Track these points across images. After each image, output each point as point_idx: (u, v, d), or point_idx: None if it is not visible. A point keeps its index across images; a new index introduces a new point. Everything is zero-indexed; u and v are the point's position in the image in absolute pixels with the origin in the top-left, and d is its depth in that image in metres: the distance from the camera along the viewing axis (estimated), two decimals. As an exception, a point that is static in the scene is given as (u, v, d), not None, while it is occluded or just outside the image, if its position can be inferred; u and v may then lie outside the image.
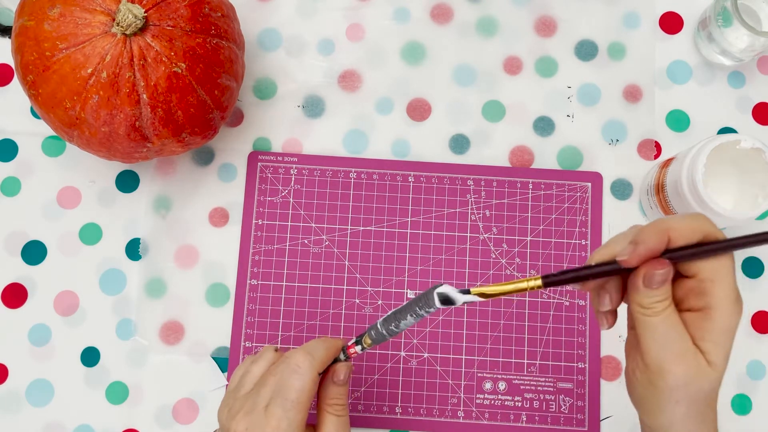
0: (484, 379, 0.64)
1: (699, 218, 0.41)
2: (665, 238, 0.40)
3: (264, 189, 0.67)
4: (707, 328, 0.41)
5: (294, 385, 0.47)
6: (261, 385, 0.49)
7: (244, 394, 0.50)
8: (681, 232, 0.40)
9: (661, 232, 0.40)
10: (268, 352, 0.53)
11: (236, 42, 0.62)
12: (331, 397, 0.50)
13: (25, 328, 0.65)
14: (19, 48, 0.56)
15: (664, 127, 0.69)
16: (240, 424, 0.47)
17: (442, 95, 0.70)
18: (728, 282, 0.40)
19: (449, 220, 0.67)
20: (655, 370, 0.41)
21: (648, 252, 0.40)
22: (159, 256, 0.67)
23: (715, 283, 0.40)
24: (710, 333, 0.40)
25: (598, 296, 0.44)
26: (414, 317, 0.45)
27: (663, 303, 0.41)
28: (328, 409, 0.50)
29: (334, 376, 0.50)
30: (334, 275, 0.66)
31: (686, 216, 0.41)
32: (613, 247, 0.42)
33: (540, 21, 0.71)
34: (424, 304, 0.44)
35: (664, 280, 0.40)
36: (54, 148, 0.68)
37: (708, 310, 0.41)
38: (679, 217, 0.41)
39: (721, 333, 0.40)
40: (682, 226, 0.40)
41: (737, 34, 0.64)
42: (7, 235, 0.67)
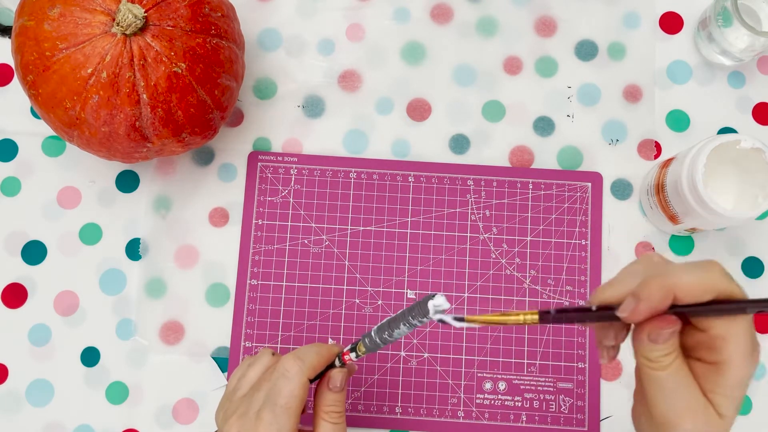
0: (484, 379, 0.64)
1: (710, 273, 0.37)
2: (670, 296, 0.37)
3: (264, 189, 0.67)
4: (719, 382, 0.38)
5: (283, 390, 0.47)
6: (255, 390, 0.49)
7: (240, 398, 0.50)
8: (689, 290, 0.37)
9: (666, 290, 0.37)
10: (264, 355, 0.52)
11: (236, 42, 0.62)
12: (327, 404, 0.50)
13: (25, 328, 0.65)
14: (19, 48, 0.56)
15: (664, 127, 0.69)
16: (233, 427, 0.47)
17: (442, 95, 0.70)
18: (743, 338, 0.38)
19: (449, 220, 0.67)
20: (663, 422, 0.39)
21: (650, 311, 0.38)
22: (159, 256, 0.67)
23: (728, 341, 0.38)
24: (722, 387, 0.38)
25: (601, 329, 0.42)
26: (407, 326, 0.45)
27: (670, 356, 0.38)
28: (324, 416, 0.50)
29: (330, 382, 0.50)
30: (334, 275, 0.66)
31: (696, 270, 0.37)
32: (617, 288, 0.39)
33: (540, 21, 0.71)
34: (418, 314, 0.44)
35: (671, 337, 0.38)
36: (54, 148, 0.68)
37: (720, 364, 0.38)
38: (687, 271, 0.37)
39: (734, 387, 0.38)
40: (690, 283, 0.37)
41: (737, 34, 0.64)
42: (7, 235, 0.67)
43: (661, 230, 0.67)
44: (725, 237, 0.67)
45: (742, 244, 0.67)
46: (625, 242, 0.67)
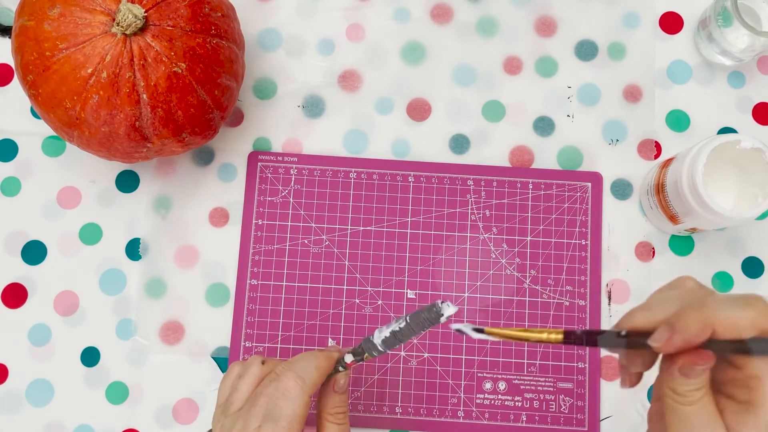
0: (484, 379, 0.64)
1: (754, 309, 0.35)
2: (709, 330, 0.35)
3: (264, 189, 0.67)
4: (748, 422, 0.37)
5: (285, 411, 0.47)
6: (251, 405, 0.48)
7: (235, 412, 0.49)
8: (730, 325, 0.35)
9: (704, 323, 0.35)
10: (254, 365, 0.52)
11: (236, 42, 0.62)
12: (333, 406, 0.50)
13: (25, 328, 0.65)
14: (19, 48, 0.56)
15: (664, 127, 0.69)
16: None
17: (442, 95, 0.70)
18: None
19: (449, 220, 0.67)
20: None
21: (685, 344, 0.36)
22: (159, 256, 0.67)
23: (763, 381, 0.36)
24: (750, 427, 0.37)
25: (628, 354, 0.41)
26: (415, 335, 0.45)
27: (699, 392, 0.37)
28: (329, 418, 0.50)
29: (335, 386, 0.50)
30: (334, 275, 0.66)
31: (739, 304, 0.35)
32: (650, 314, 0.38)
33: (540, 21, 0.71)
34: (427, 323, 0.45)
35: (703, 373, 0.36)
36: (54, 148, 0.68)
37: (752, 404, 0.37)
38: (729, 305, 0.36)
39: (763, 429, 0.36)
40: (731, 318, 0.35)
41: (737, 34, 0.64)
42: (7, 235, 0.67)
43: (661, 230, 0.67)
44: (725, 237, 0.67)
45: (742, 244, 0.67)
46: (625, 242, 0.67)
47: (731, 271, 0.67)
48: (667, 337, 0.36)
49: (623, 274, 0.66)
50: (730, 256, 0.67)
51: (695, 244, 0.67)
